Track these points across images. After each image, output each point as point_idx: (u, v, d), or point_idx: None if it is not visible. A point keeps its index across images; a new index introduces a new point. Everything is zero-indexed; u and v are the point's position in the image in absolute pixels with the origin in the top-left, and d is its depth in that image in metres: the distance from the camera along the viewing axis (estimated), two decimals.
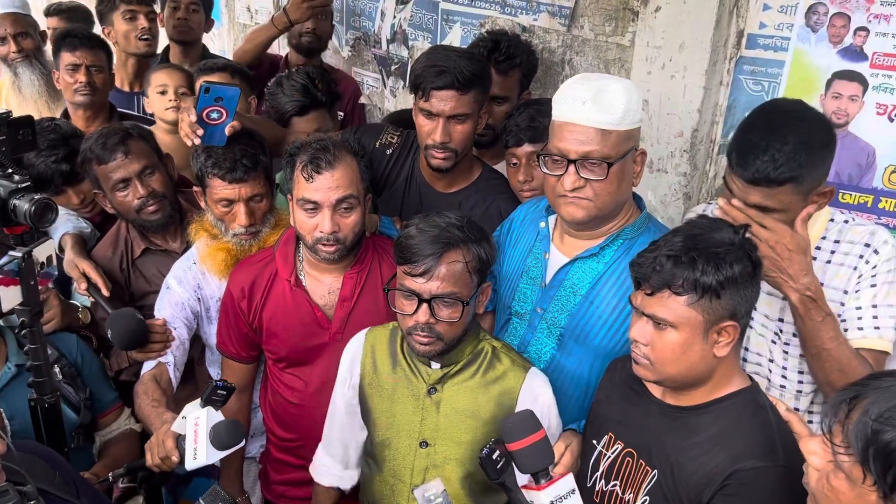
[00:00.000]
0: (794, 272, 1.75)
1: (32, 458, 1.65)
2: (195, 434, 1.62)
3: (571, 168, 1.79)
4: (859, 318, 1.85)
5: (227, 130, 2.11)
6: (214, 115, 2.10)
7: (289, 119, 2.61)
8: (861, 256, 1.85)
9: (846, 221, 1.92)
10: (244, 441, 1.67)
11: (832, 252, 1.89)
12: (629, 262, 1.64)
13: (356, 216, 2.00)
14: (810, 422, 1.96)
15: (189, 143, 2.15)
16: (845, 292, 1.86)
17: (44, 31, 3.77)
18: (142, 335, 2.07)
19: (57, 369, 2.08)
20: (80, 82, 3.04)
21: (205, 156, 2.16)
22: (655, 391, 1.67)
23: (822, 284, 1.87)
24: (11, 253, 1.78)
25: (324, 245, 1.98)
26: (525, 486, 1.44)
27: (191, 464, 1.61)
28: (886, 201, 2.34)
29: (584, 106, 1.76)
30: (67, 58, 3.06)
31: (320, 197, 1.94)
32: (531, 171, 2.35)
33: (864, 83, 2.30)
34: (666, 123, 2.58)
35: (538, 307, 1.98)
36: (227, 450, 1.61)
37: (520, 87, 2.78)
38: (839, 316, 1.86)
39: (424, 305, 1.71)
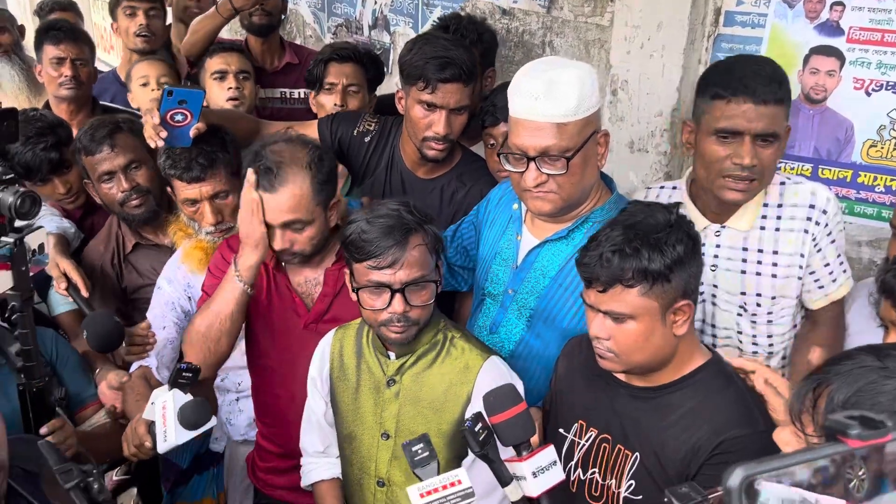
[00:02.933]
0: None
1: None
2: (164, 417, 1.65)
3: (532, 165, 1.77)
4: (831, 273, 1.95)
5: (191, 132, 2.10)
6: (179, 118, 2.09)
7: None
8: (808, 218, 1.89)
9: (783, 183, 1.94)
10: (213, 419, 1.68)
11: (778, 217, 1.92)
12: (574, 261, 1.65)
13: (311, 231, 1.94)
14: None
15: (153, 145, 2.14)
16: (802, 255, 1.91)
17: (22, 25, 3.75)
18: (117, 337, 2.06)
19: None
20: (66, 76, 3.02)
21: (164, 157, 2.16)
22: (620, 375, 1.67)
23: (775, 252, 1.92)
24: (3, 238, 1.78)
25: (284, 256, 1.97)
26: (507, 459, 1.45)
27: (162, 446, 1.63)
28: (865, 175, 2.35)
29: (536, 102, 1.74)
30: (51, 51, 3.04)
31: (269, 217, 1.90)
32: None
33: (841, 58, 2.31)
34: (645, 103, 2.59)
35: (509, 288, 1.99)
36: (196, 429, 1.63)
37: (480, 68, 2.76)
38: (812, 277, 1.94)
39: (398, 296, 1.69)
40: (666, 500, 1.16)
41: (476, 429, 1.42)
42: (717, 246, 1.98)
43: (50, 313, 2.53)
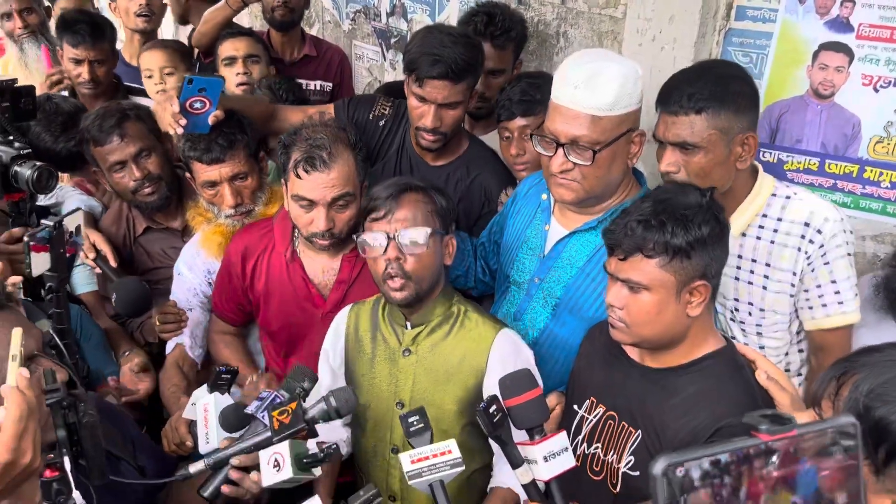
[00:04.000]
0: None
1: None
2: (205, 420, 1.69)
3: (560, 151, 1.82)
4: (820, 297, 1.91)
5: (210, 119, 2.14)
6: (198, 105, 2.13)
7: None
8: (803, 237, 1.88)
9: (788, 197, 1.93)
10: (252, 422, 1.69)
11: (775, 231, 1.92)
12: (601, 230, 1.70)
13: (352, 211, 2.02)
14: None
15: (171, 133, 2.19)
16: (794, 273, 1.90)
17: (48, 6, 3.81)
18: (145, 302, 2.13)
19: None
20: (84, 78, 3.09)
21: (184, 140, 2.20)
22: (634, 355, 1.72)
23: (768, 265, 1.92)
24: (44, 221, 1.86)
25: (319, 239, 2.02)
26: (520, 442, 1.49)
27: (204, 448, 1.67)
28: (871, 171, 2.38)
29: (576, 90, 1.77)
30: (69, 51, 3.10)
31: (316, 195, 1.96)
32: (523, 145, 2.39)
33: (850, 54, 2.33)
34: (656, 95, 2.62)
35: (536, 277, 2.03)
36: (236, 432, 1.67)
37: (514, 58, 2.82)
38: (805, 296, 1.92)
39: (392, 242, 1.78)
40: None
41: (490, 410, 1.46)
42: None
43: (72, 293, 2.59)
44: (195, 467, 1.51)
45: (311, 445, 1.54)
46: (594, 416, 1.78)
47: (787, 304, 1.95)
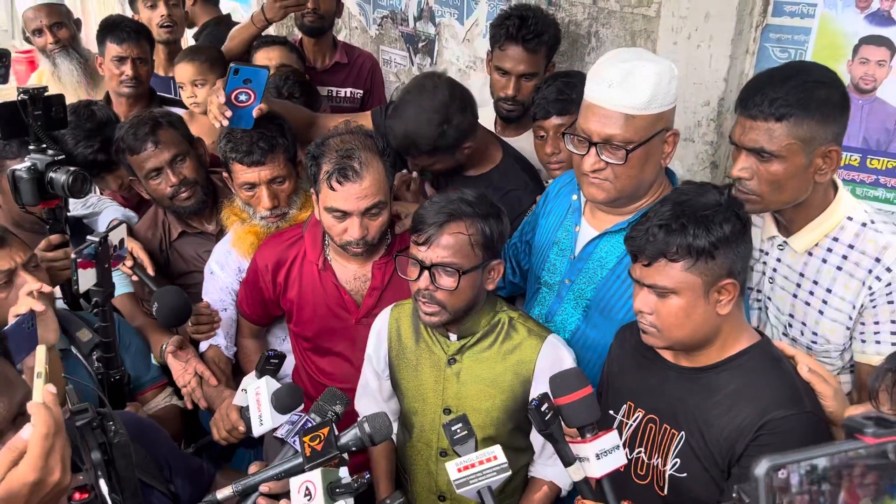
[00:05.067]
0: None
1: None
2: (258, 402, 1.68)
3: (592, 150, 1.80)
4: (876, 333, 1.81)
5: (254, 113, 2.14)
6: (243, 98, 2.13)
7: None
8: (871, 271, 1.78)
9: (864, 224, 1.82)
10: (302, 402, 1.71)
11: (844, 257, 1.82)
12: (623, 237, 1.67)
13: (384, 217, 2.02)
14: None
15: (217, 126, 2.19)
16: (853, 306, 1.82)
17: (78, 18, 3.86)
18: (185, 312, 2.15)
19: (96, 356, 2.09)
20: (127, 75, 3.12)
21: (225, 140, 2.21)
22: (668, 356, 1.70)
23: (829, 291, 1.84)
24: (90, 237, 1.87)
25: (353, 248, 2.02)
26: (571, 440, 1.48)
27: (258, 430, 1.67)
28: None
29: (610, 89, 1.76)
30: (114, 49, 3.14)
31: (349, 206, 1.96)
32: (558, 144, 2.38)
33: (891, 48, 2.29)
34: (692, 93, 2.60)
35: (566, 279, 2.02)
36: (289, 413, 1.67)
37: (546, 62, 2.81)
38: (860, 329, 1.83)
39: (425, 273, 1.77)
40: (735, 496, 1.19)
41: (542, 408, 1.45)
42: (778, 260, 1.94)
43: None
44: (222, 493, 1.47)
45: (343, 473, 1.51)
46: (634, 421, 1.76)
47: (842, 335, 1.87)
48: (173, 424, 2.26)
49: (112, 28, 3.17)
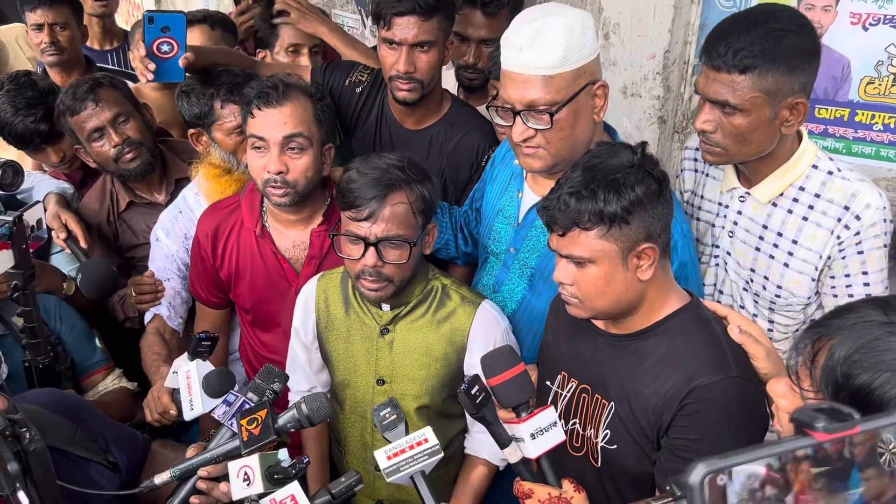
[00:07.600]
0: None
1: (50, 415, 1.62)
2: (188, 386, 1.65)
3: (518, 119, 1.71)
4: (848, 287, 1.77)
5: (180, 62, 2.06)
6: (165, 48, 2.05)
7: None
8: (839, 220, 1.73)
9: (830, 172, 1.76)
10: (235, 386, 1.68)
11: (810, 207, 1.77)
12: (536, 208, 1.61)
13: (307, 159, 1.94)
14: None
15: (143, 80, 2.12)
16: (821, 256, 1.77)
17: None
18: (110, 284, 2.09)
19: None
20: (45, 42, 3.01)
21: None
22: (599, 324, 1.66)
23: (794, 242, 1.79)
24: (2, 217, 1.80)
25: (272, 187, 1.93)
26: (507, 420, 1.44)
27: (189, 414, 1.64)
28: (863, 114, 2.29)
29: (521, 53, 1.67)
30: (30, 17, 3.02)
31: (267, 133, 1.90)
32: None
33: None
34: (637, 46, 2.53)
35: (511, 247, 1.97)
36: (220, 397, 1.64)
37: (506, 26, 2.69)
38: (830, 283, 1.78)
39: (371, 249, 1.71)
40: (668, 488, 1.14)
41: (472, 391, 1.41)
42: (739, 213, 1.88)
43: None
44: (160, 478, 1.46)
45: (283, 455, 1.48)
46: (567, 391, 1.72)
47: (808, 287, 1.82)
48: (123, 408, 2.20)
49: None
